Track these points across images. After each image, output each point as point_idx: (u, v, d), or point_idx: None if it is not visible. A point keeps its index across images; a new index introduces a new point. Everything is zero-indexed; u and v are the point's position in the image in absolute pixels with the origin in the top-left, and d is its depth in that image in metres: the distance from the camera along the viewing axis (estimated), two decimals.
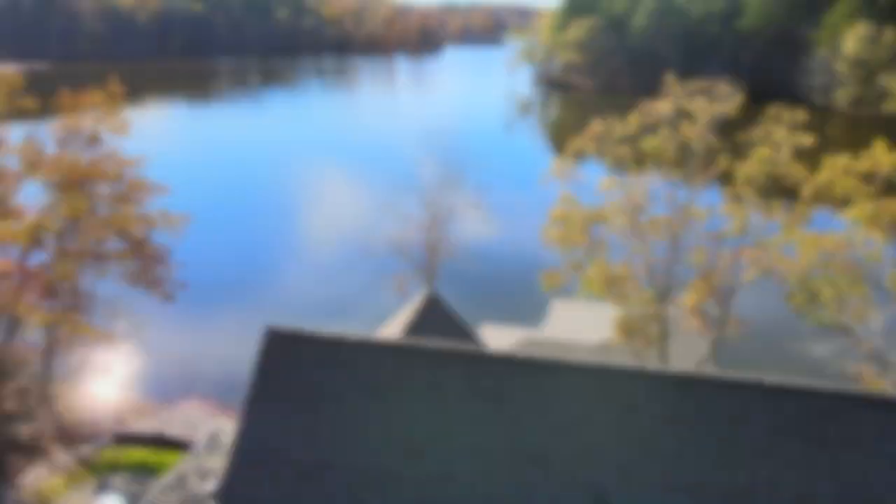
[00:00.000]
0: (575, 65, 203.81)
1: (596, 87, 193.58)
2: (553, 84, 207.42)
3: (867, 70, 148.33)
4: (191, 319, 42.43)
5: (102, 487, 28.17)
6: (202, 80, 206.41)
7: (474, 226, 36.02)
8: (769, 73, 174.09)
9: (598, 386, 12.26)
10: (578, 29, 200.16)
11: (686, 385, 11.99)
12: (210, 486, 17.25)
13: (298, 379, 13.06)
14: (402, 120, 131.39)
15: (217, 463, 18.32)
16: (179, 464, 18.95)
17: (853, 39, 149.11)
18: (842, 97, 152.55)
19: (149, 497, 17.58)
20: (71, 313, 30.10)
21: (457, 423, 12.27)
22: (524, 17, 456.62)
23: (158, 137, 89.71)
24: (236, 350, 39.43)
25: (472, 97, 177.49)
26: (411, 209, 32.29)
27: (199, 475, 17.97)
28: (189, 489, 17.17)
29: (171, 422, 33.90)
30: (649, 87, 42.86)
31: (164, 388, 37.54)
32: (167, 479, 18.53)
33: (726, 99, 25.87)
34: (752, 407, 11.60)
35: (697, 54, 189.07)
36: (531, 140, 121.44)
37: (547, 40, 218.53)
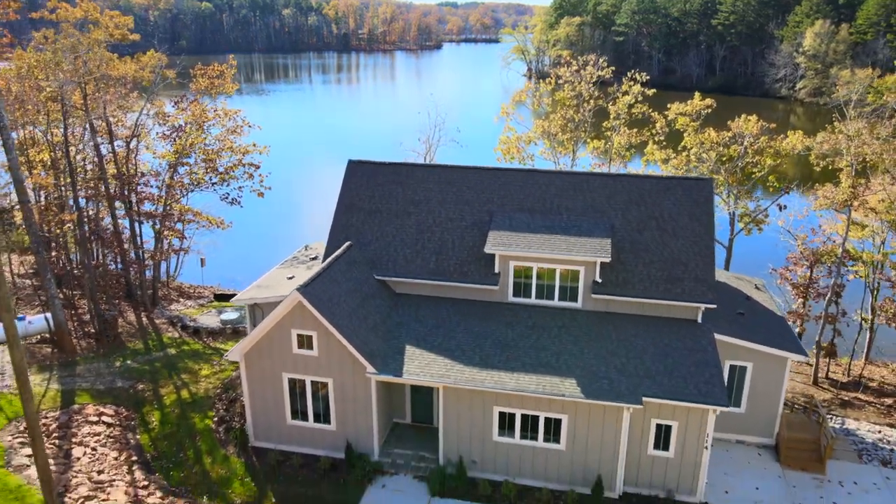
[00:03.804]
0: (564, 60, 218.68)
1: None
2: (544, 77, 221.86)
3: (823, 63, 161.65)
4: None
5: (222, 311, 44.78)
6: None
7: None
8: (741, 66, 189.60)
9: (498, 179, 28.93)
10: (567, 27, 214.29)
11: (535, 173, 28.64)
12: (313, 256, 33.61)
13: (365, 179, 29.75)
14: (401, 105, 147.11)
15: (312, 253, 34.68)
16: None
17: (811, 36, 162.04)
18: (802, 88, 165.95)
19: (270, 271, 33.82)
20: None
21: (435, 192, 28.91)
22: (521, 15, 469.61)
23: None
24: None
25: (469, 90, 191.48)
26: (413, 144, 48.92)
27: (305, 256, 34.32)
28: (299, 259, 33.47)
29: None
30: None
31: (246, 270, 54.07)
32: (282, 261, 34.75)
33: (603, 68, 42.79)
34: (581, 180, 28.31)
35: (676, 49, 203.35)
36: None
37: (539, 37, 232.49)
